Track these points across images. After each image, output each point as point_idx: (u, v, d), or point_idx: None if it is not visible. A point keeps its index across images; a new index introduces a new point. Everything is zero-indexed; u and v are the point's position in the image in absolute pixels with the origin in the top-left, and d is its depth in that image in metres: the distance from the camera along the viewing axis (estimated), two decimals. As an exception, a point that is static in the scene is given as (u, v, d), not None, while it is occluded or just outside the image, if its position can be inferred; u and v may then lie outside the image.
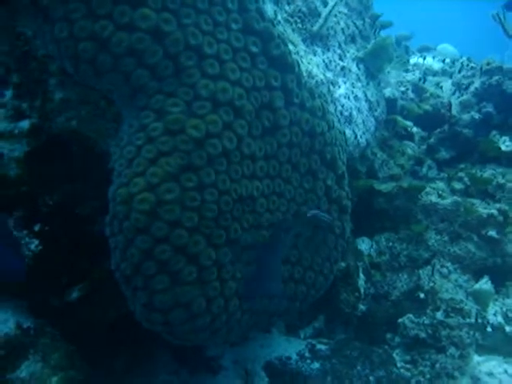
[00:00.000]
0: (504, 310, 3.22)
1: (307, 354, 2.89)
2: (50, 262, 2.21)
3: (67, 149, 2.15)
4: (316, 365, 2.83)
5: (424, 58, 5.70)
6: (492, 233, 3.41)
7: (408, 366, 3.01)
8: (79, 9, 1.86)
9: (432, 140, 4.41)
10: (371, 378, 2.89)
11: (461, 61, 5.11)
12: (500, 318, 3.18)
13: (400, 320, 3.15)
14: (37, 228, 2.19)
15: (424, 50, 6.30)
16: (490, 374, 2.34)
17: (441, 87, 4.87)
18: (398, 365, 3.01)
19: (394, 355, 3.06)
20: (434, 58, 5.80)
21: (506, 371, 2.34)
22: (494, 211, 3.43)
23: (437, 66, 5.60)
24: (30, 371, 2.17)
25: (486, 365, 2.41)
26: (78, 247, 2.25)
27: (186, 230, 1.94)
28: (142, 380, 2.66)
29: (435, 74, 5.46)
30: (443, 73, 5.48)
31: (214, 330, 2.10)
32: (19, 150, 2.14)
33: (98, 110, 2.12)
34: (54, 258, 2.21)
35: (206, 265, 2.01)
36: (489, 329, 3.12)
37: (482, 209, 3.49)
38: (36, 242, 2.18)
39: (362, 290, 3.22)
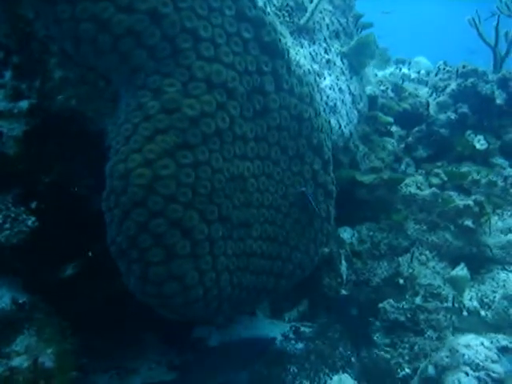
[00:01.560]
0: (479, 295, 3.35)
1: (291, 336, 2.99)
2: (46, 239, 2.26)
3: (65, 128, 2.22)
4: (300, 345, 2.93)
5: (400, 70, 5.89)
6: (468, 223, 3.53)
7: (388, 348, 3.13)
8: (81, -9, 1.94)
9: (410, 139, 4.55)
10: (353, 358, 3.00)
11: (437, 65, 5.27)
12: (475, 303, 3.31)
13: (380, 305, 3.26)
14: (33, 205, 2.24)
15: (399, 63, 6.49)
16: (468, 346, 2.47)
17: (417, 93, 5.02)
18: (379, 347, 3.12)
19: (375, 338, 3.17)
20: (409, 69, 6.00)
21: (482, 343, 2.47)
22: (471, 202, 3.57)
23: (412, 75, 5.79)
24: (25, 345, 2.22)
25: (464, 338, 2.55)
26: (74, 225, 2.31)
27: (181, 204, 2.01)
28: (131, 359, 2.72)
29: (411, 80, 5.64)
30: (419, 81, 5.66)
31: (206, 302, 2.17)
32: (18, 129, 2.19)
33: (97, 89, 2.19)
34: (49, 234, 2.26)
35: (199, 239, 2.09)
36: (465, 313, 3.26)
37: (459, 200, 3.63)
38: (33, 218, 2.23)
39: (344, 277, 3.32)
